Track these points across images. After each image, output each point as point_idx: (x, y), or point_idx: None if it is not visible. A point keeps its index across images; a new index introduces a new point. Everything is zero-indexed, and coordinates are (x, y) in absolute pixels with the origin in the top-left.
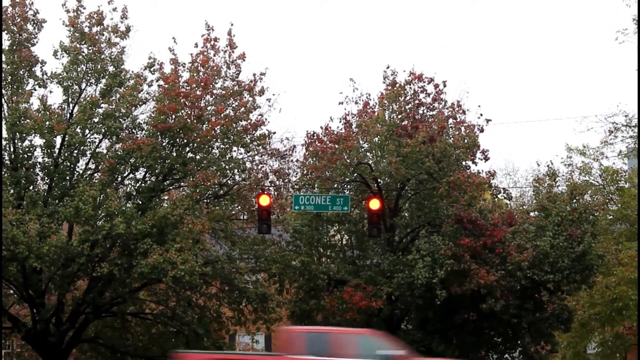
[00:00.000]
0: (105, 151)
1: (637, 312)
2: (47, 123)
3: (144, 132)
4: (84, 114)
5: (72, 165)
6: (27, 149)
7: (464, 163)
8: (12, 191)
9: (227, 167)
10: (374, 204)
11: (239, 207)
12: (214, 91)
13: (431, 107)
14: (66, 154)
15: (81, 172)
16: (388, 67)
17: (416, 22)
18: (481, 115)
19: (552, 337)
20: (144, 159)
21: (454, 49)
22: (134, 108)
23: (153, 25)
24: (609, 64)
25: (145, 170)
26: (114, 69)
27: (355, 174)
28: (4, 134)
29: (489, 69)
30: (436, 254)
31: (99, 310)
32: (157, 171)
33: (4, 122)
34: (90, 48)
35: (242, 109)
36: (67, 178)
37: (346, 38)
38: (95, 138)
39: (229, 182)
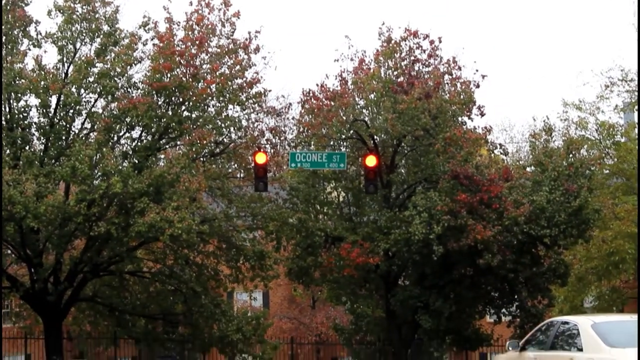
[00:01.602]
0: (100, 111)
1: (637, 265)
2: (42, 83)
3: (139, 91)
4: (79, 74)
5: (67, 125)
6: (22, 109)
7: (460, 119)
8: (8, 151)
9: (223, 125)
10: (371, 161)
11: (236, 165)
12: (209, 49)
13: (427, 63)
14: (62, 114)
15: (77, 131)
16: (383, 24)
17: None
18: (477, 71)
19: (549, 292)
20: (139, 118)
21: (449, 5)
22: (129, 67)
23: None
24: (604, 19)
25: (141, 129)
26: (109, 28)
27: (352, 131)
28: None
29: (485, 25)
30: (433, 210)
31: (96, 269)
32: (153, 130)
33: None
34: (84, 7)
35: (238, 67)
36: (63, 138)
37: None
38: (90, 97)
39: (225, 140)
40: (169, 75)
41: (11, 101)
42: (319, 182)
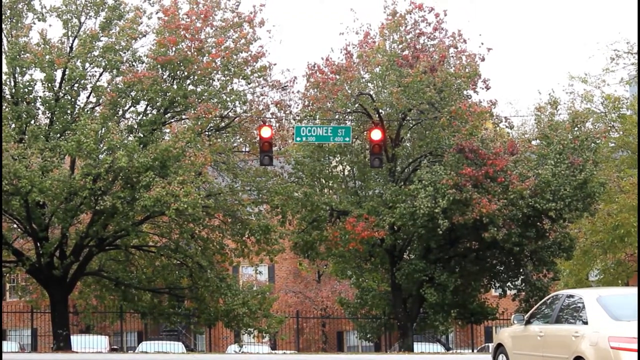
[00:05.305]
0: (106, 84)
1: (638, 238)
2: (47, 57)
3: (144, 65)
4: (84, 48)
5: (73, 99)
6: (27, 83)
7: (465, 92)
8: (13, 126)
9: (228, 99)
10: (376, 135)
11: (241, 139)
12: (214, 23)
13: (432, 36)
14: (67, 88)
15: (82, 105)
16: None
17: None
18: (482, 44)
19: (554, 265)
20: (145, 92)
21: None
22: (134, 41)
23: None
24: None
25: (146, 103)
26: (113, 1)
27: (357, 105)
28: (4, 68)
29: None
30: (438, 184)
31: (102, 243)
32: (158, 104)
33: (3, 57)
34: None
35: (242, 40)
36: (69, 112)
37: None
38: (95, 71)
39: (230, 114)
40: (174, 49)
41: (16, 75)
42: (324, 156)
